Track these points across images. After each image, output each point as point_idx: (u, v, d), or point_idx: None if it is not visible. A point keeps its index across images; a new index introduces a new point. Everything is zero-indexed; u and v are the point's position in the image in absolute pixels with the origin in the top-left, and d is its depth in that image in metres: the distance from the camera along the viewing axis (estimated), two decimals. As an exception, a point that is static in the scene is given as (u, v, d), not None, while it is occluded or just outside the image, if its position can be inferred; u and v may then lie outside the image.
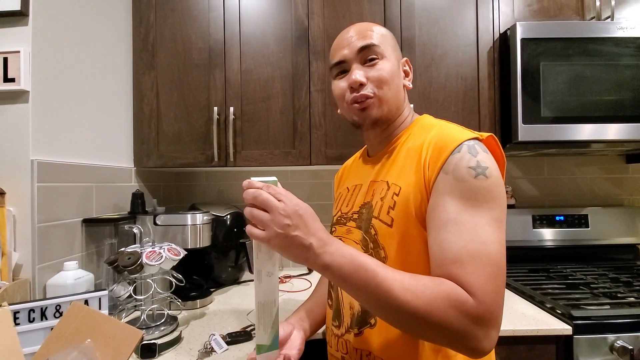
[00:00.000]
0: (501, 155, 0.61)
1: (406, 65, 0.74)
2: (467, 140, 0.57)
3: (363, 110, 0.68)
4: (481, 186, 0.53)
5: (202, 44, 1.31)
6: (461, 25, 1.32)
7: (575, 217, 1.55)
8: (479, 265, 0.49)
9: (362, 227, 0.67)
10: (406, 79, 0.73)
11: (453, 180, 0.55)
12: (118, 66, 1.26)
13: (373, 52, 0.67)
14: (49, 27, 0.95)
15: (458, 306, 0.47)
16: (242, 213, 1.51)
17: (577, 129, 1.23)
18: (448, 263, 0.51)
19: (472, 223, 0.52)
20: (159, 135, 1.31)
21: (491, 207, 0.53)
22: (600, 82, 1.24)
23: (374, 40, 0.67)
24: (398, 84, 0.69)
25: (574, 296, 1.10)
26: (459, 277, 0.49)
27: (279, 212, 0.50)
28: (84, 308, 0.63)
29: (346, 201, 0.77)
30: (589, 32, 1.25)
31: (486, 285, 0.49)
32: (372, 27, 0.70)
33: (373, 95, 0.67)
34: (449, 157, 0.56)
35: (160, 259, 0.92)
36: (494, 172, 0.55)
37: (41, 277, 0.90)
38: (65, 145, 1.01)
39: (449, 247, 0.52)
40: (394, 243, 0.61)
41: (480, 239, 0.51)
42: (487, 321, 0.48)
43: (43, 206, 0.90)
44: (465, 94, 1.31)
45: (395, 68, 0.69)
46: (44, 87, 0.93)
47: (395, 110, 0.70)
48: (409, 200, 0.59)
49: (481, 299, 0.48)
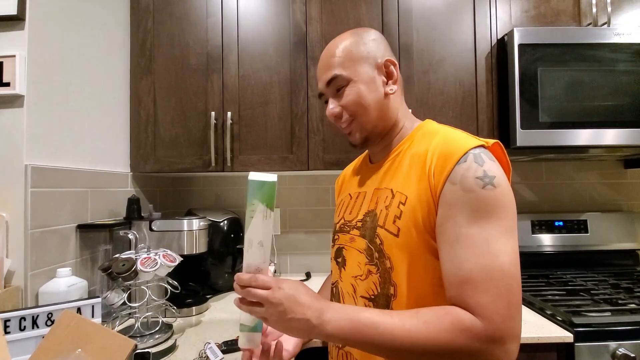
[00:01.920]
0: (507, 162, 0.61)
1: (390, 67, 0.69)
2: (472, 149, 0.56)
3: (349, 134, 0.71)
4: (490, 196, 0.53)
5: (199, 49, 1.30)
6: (459, 31, 1.32)
7: (575, 223, 1.55)
8: (491, 281, 0.49)
9: (367, 236, 0.66)
10: (389, 84, 0.69)
11: (461, 191, 0.54)
12: (115, 71, 1.25)
13: (338, 83, 0.68)
14: (45, 32, 0.94)
15: (465, 333, 0.48)
16: (239, 218, 1.50)
17: (575, 134, 1.23)
18: (460, 283, 0.51)
19: (483, 236, 0.51)
20: (155, 140, 1.30)
21: (501, 217, 0.52)
22: (597, 87, 1.24)
23: (336, 70, 0.67)
24: (375, 98, 0.67)
25: (574, 303, 1.09)
26: (469, 299, 0.50)
27: (271, 303, 0.53)
28: (76, 317, 0.62)
29: (349, 208, 0.76)
30: (586, 38, 1.25)
31: (497, 303, 0.49)
32: (334, 52, 0.68)
33: (351, 122, 0.69)
34: (455, 167, 0.55)
35: (155, 266, 0.91)
36: (502, 180, 0.54)
37: (34, 284, 0.88)
38: (60, 150, 1.00)
39: (460, 264, 0.52)
40: (400, 253, 0.60)
41: (492, 252, 0.50)
42: (500, 338, 0.48)
43: (36, 212, 0.89)
44: (463, 100, 1.31)
45: (366, 85, 0.67)
46: (39, 91, 0.92)
47: (383, 123, 0.70)
48: (416, 210, 0.59)
49: (490, 319, 0.48)
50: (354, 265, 0.68)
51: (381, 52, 0.69)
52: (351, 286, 0.68)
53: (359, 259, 0.67)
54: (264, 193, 0.54)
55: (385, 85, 0.69)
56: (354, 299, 0.67)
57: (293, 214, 1.67)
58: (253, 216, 0.54)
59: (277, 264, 1.64)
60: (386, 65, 0.69)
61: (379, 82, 0.68)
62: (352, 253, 0.69)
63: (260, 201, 0.54)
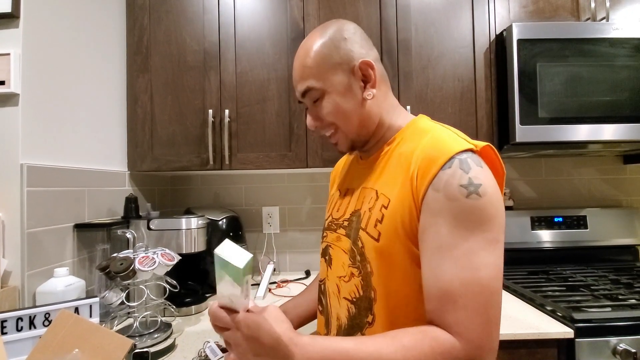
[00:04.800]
0: (500, 166, 0.58)
1: (366, 70, 0.63)
2: (459, 153, 0.53)
3: (336, 144, 0.69)
4: (474, 206, 0.50)
5: (196, 46, 1.29)
6: (457, 26, 1.31)
7: (574, 219, 1.54)
8: (469, 296, 0.48)
9: (351, 237, 0.64)
10: (367, 89, 0.64)
11: (444, 199, 0.51)
12: (111, 69, 1.24)
13: (313, 95, 0.64)
14: (40, 29, 0.93)
15: (445, 355, 0.47)
16: (238, 217, 1.50)
17: (575, 129, 1.23)
18: (439, 296, 0.50)
19: (464, 248, 0.49)
20: (153, 139, 1.29)
21: (486, 229, 0.50)
22: (596, 82, 1.23)
23: (308, 81, 0.63)
24: (353, 107, 0.64)
25: (574, 298, 1.09)
26: (447, 315, 0.49)
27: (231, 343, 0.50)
28: (72, 316, 0.61)
29: (337, 206, 0.75)
30: (585, 33, 1.25)
31: (475, 320, 0.48)
32: (305, 61, 0.63)
33: (333, 132, 0.67)
34: (439, 173, 0.52)
35: (153, 265, 0.90)
36: (489, 188, 0.51)
37: (31, 284, 0.87)
38: (57, 149, 0.99)
39: (440, 276, 0.50)
40: (380, 258, 0.58)
41: (472, 266, 0.49)
42: (479, 356, 0.47)
43: (33, 211, 0.88)
44: (462, 96, 1.30)
45: (342, 95, 0.63)
46: (34, 89, 0.91)
47: (366, 129, 0.66)
48: (398, 215, 0.56)
49: (468, 338, 0.47)
50: (338, 265, 0.67)
51: (356, 54, 0.63)
52: (336, 286, 0.67)
53: (343, 259, 0.66)
54: (229, 271, 0.47)
55: (363, 90, 0.64)
56: (338, 300, 0.67)
57: (292, 212, 1.66)
58: (219, 282, 0.49)
59: (277, 262, 1.64)
60: (362, 68, 0.63)
61: (356, 88, 0.64)
62: (337, 252, 0.68)
63: (228, 275, 0.47)
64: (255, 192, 1.67)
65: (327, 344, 0.49)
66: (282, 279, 1.51)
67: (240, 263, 0.46)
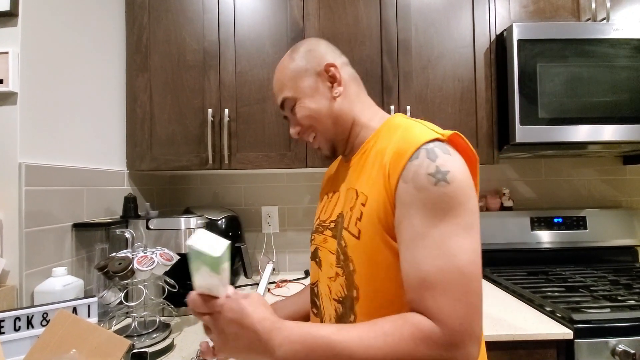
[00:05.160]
0: (471, 152, 0.58)
1: (330, 70, 0.68)
2: (425, 143, 0.54)
3: (319, 149, 0.74)
4: (443, 193, 0.51)
5: (196, 45, 1.29)
6: (457, 26, 1.31)
7: (574, 219, 1.54)
8: (448, 283, 0.48)
9: (337, 237, 0.65)
10: (334, 87, 0.68)
11: (413, 189, 0.52)
12: (110, 68, 1.24)
13: (288, 105, 0.71)
14: (39, 28, 0.93)
15: (425, 342, 0.47)
16: (237, 216, 1.49)
17: (575, 130, 1.23)
18: (418, 285, 0.50)
19: (438, 236, 0.50)
20: (152, 138, 1.28)
21: (457, 215, 0.50)
22: (597, 83, 1.23)
23: (282, 94, 0.70)
24: (324, 106, 0.68)
25: (573, 299, 1.09)
26: (427, 302, 0.49)
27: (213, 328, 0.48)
28: (70, 316, 0.61)
29: (324, 208, 0.76)
30: (585, 34, 1.24)
31: (454, 306, 0.48)
32: (278, 77, 0.72)
33: (314, 136, 0.71)
34: (407, 164, 0.54)
35: (152, 264, 0.90)
36: (457, 175, 0.52)
37: (29, 283, 0.87)
38: (55, 148, 0.98)
39: (417, 265, 0.51)
40: (361, 256, 0.59)
41: (448, 252, 0.49)
42: (460, 342, 0.47)
43: (31, 210, 0.88)
44: (462, 96, 1.30)
45: (311, 97, 0.68)
46: (33, 88, 0.91)
47: (342, 127, 0.70)
48: (375, 211, 0.57)
49: (449, 324, 0.47)
50: (327, 267, 0.68)
51: (318, 60, 0.69)
52: (327, 287, 0.68)
53: (330, 260, 0.66)
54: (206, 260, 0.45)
55: (331, 90, 0.69)
56: (330, 301, 0.67)
57: (291, 212, 1.66)
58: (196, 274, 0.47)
59: (276, 262, 1.64)
60: (326, 70, 0.68)
61: (324, 89, 0.69)
62: (325, 254, 0.69)
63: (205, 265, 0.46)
64: (255, 192, 1.67)
65: (308, 329, 0.49)
66: (281, 278, 1.51)
67: (217, 252, 0.45)
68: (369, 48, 1.30)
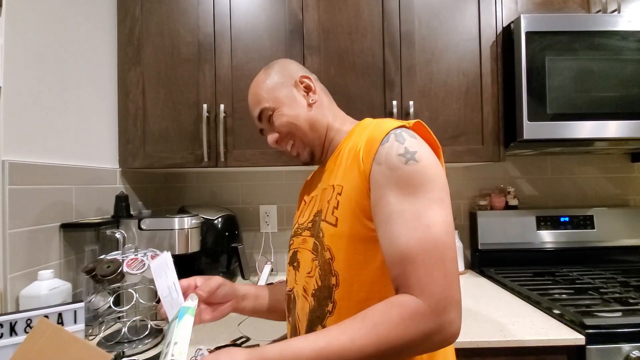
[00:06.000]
0: (433, 140, 0.62)
1: (304, 81, 0.74)
2: (393, 129, 0.59)
3: (298, 156, 0.77)
4: (414, 171, 0.54)
5: (190, 38, 1.24)
6: (462, 18, 1.26)
7: (581, 218, 1.50)
8: (426, 253, 0.50)
9: (314, 234, 0.67)
10: (310, 95, 0.74)
11: (387, 170, 0.56)
12: (101, 61, 1.19)
13: (266, 115, 0.74)
14: (24, 19, 0.88)
15: (413, 318, 0.48)
16: (235, 216, 1.45)
17: (586, 126, 1.18)
18: (399, 260, 0.52)
19: (413, 210, 0.53)
20: (145, 134, 1.24)
21: (428, 189, 0.54)
22: (607, 77, 1.18)
23: (262, 104, 0.73)
24: (301, 112, 0.72)
25: (583, 302, 1.05)
26: (409, 275, 0.50)
27: None
28: (51, 326, 0.56)
29: (302, 213, 0.78)
30: (596, 26, 1.20)
31: (434, 275, 0.49)
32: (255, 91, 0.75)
33: (292, 143, 0.75)
34: (379, 148, 0.58)
35: (142, 267, 0.85)
36: (424, 154, 0.56)
37: (13, 287, 0.83)
38: (42, 145, 0.93)
39: (396, 240, 0.52)
40: (339, 242, 0.61)
41: (423, 224, 0.51)
42: (442, 309, 0.48)
43: (15, 210, 0.83)
44: (467, 91, 1.25)
45: (289, 105, 0.72)
46: (17, 82, 0.86)
47: (318, 133, 0.73)
48: (351, 197, 0.60)
49: (430, 293, 0.49)
50: (305, 265, 0.69)
51: (293, 73, 0.75)
52: (302, 288, 0.68)
53: (310, 257, 0.67)
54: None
55: (306, 97, 0.74)
56: (305, 299, 0.67)
57: (290, 211, 1.62)
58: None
59: (274, 262, 1.59)
60: (301, 81, 0.74)
61: (300, 97, 0.73)
62: (304, 254, 0.70)
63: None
64: (253, 190, 1.62)
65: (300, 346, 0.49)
66: (280, 279, 1.46)
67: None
68: (370, 40, 1.25)
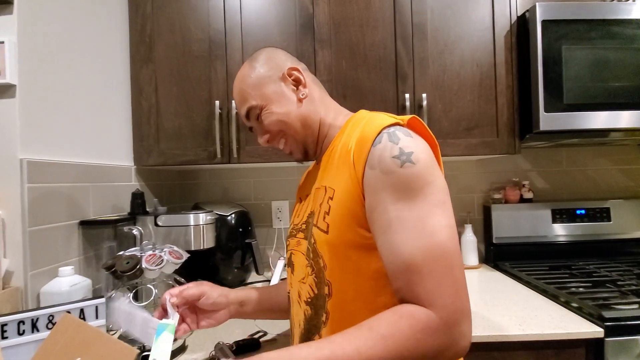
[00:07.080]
0: (430, 136, 0.59)
1: (293, 74, 0.69)
2: (386, 128, 0.55)
3: (290, 154, 0.72)
4: (411, 174, 0.51)
5: (201, 34, 1.24)
6: (475, 8, 1.24)
7: (597, 211, 1.48)
8: (433, 263, 0.47)
9: (307, 237, 0.64)
10: (299, 89, 0.69)
11: (381, 174, 0.52)
12: (114, 58, 1.19)
13: (254, 113, 0.69)
14: (36, 16, 0.88)
15: (425, 331, 0.45)
16: (247, 212, 1.45)
17: (604, 116, 1.16)
18: (404, 271, 0.49)
19: (414, 217, 0.50)
20: (158, 132, 1.24)
21: (428, 193, 0.51)
22: (624, 66, 1.16)
23: (248, 102, 0.69)
24: (291, 109, 0.68)
25: (601, 295, 1.03)
26: (416, 287, 0.48)
27: None
28: (75, 321, 0.57)
29: (297, 212, 0.75)
30: (612, 14, 1.17)
31: (443, 285, 0.47)
32: (239, 88, 0.70)
33: (284, 141, 0.70)
34: (371, 150, 0.54)
35: (161, 263, 0.86)
36: (421, 154, 0.52)
37: (34, 284, 0.84)
38: (58, 143, 0.94)
39: (398, 250, 0.49)
40: (331, 250, 0.58)
41: (427, 232, 0.49)
42: (455, 321, 0.46)
43: (35, 208, 0.85)
44: (481, 82, 1.23)
45: (278, 102, 0.67)
46: (32, 80, 0.86)
47: (310, 129, 0.69)
48: (343, 202, 0.56)
49: (442, 304, 0.46)
50: (299, 269, 0.66)
51: (279, 66, 0.70)
52: (297, 292, 0.66)
53: (303, 261, 0.65)
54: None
55: (296, 92, 0.69)
56: (300, 305, 0.65)
57: (302, 206, 1.62)
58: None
59: (287, 257, 1.60)
60: (289, 74, 0.69)
61: (289, 92, 0.69)
62: (298, 257, 0.67)
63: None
64: (265, 186, 1.63)
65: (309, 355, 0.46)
66: (292, 274, 1.47)
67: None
68: (382, 33, 1.23)
